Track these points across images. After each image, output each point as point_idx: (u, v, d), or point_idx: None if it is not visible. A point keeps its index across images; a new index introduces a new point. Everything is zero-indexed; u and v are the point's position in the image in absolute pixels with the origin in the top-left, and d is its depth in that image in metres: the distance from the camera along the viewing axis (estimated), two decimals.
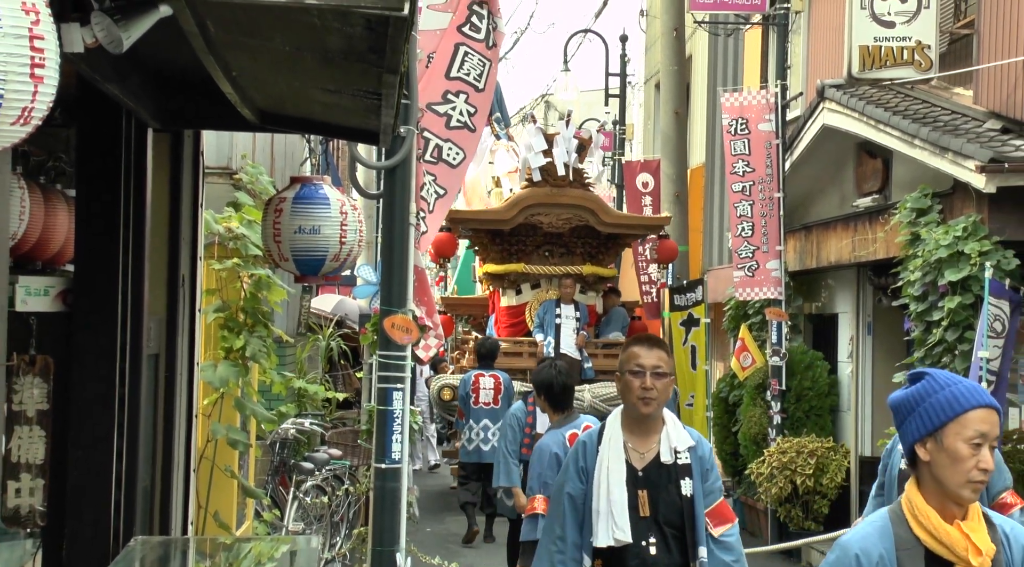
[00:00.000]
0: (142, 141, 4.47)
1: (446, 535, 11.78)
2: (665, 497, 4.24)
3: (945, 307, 8.80)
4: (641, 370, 4.22)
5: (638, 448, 4.29)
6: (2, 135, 2.10)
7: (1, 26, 2.01)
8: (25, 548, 4.22)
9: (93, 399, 4.17)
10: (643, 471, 4.25)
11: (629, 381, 4.24)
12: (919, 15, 9.99)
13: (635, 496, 4.20)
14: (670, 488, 4.25)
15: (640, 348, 4.32)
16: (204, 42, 3.40)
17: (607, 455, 4.25)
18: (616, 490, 4.17)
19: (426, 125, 6.46)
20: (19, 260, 4.00)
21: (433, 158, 6.51)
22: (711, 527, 4.31)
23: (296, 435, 10.12)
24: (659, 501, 4.23)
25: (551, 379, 6.32)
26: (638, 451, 4.28)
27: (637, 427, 4.31)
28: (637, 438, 4.30)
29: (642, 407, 4.22)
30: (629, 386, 4.24)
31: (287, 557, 4.39)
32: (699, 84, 19.56)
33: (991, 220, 8.82)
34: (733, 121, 12.22)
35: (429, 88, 6.45)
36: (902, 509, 2.76)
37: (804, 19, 13.97)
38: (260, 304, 6.89)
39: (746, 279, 12.20)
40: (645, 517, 4.21)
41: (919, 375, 2.79)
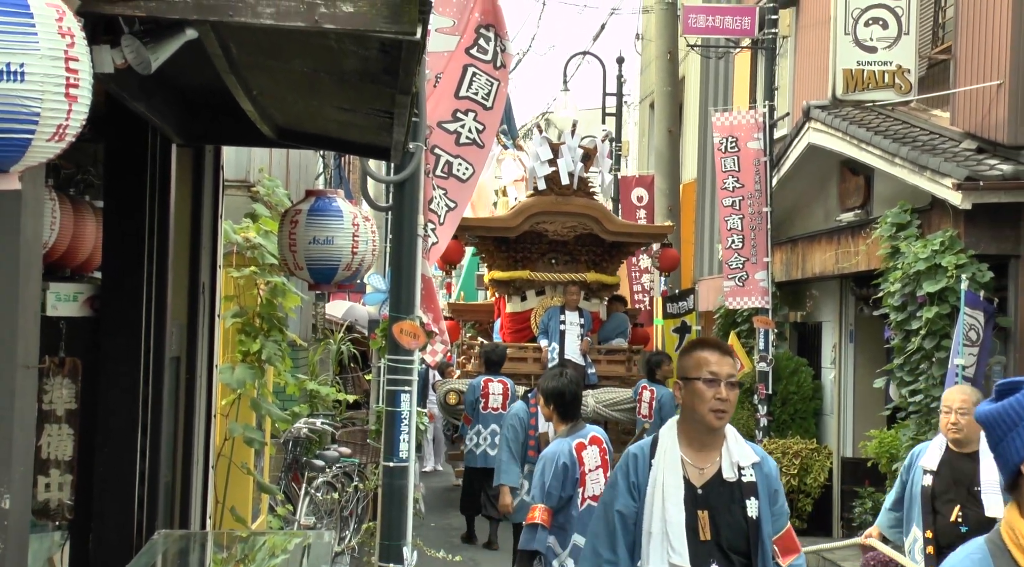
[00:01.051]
0: (166, 156, 4.48)
1: (450, 530, 11.76)
2: (728, 519, 3.60)
3: (923, 317, 8.80)
4: (715, 379, 3.59)
5: (697, 463, 3.64)
6: (38, 151, 2.11)
7: (39, 48, 2.02)
8: (54, 540, 4.22)
9: (118, 399, 4.18)
10: (703, 489, 3.61)
11: (700, 391, 3.60)
12: (899, 41, 10.00)
13: (694, 517, 3.58)
14: (733, 508, 3.61)
15: (711, 354, 3.66)
16: (227, 63, 3.42)
17: (662, 470, 3.62)
18: (673, 510, 3.55)
19: (436, 142, 6.47)
20: (50, 267, 4.00)
21: (444, 173, 6.52)
22: (778, 556, 3.71)
23: (308, 434, 10.11)
24: (721, 523, 3.59)
25: (563, 388, 5.88)
26: (697, 467, 3.63)
27: (697, 440, 3.66)
28: (696, 452, 3.65)
29: (715, 420, 3.60)
30: (700, 396, 3.59)
31: (300, 550, 4.37)
32: (691, 104, 19.58)
33: (967, 235, 8.83)
34: (723, 139, 12.23)
35: (439, 107, 6.45)
36: (1002, 539, 2.21)
37: (791, 43, 13.99)
38: (275, 310, 6.89)
39: (736, 289, 12.21)
40: (706, 541, 3.59)
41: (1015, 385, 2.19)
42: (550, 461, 5.59)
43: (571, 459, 5.57)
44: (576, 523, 5.56)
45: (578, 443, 5.66)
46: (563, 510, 5.61)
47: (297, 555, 4.29)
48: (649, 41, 20.03)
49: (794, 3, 13.64)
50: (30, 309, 2.46)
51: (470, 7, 6.47)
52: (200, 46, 3.03)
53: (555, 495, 5.56)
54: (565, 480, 5.57)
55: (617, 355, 12.77)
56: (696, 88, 19.13)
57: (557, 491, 5.56)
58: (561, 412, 5.88)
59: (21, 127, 2.03)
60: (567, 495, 5.59)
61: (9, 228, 2.35)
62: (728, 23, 12.82)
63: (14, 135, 2.03)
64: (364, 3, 2.46)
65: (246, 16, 2.45)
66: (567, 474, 5.57)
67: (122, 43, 2.66)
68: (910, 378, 9.10)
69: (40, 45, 2.02)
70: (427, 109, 6.45)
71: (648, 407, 11.30)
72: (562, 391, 5.85)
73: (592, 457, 5.69)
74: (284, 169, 11.04)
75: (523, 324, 12.95)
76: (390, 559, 6.03)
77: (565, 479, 5.56)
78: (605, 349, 12.82)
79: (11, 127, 2.02)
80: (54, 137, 2.11)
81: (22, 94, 2.01)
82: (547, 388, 5.92)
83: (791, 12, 13.82)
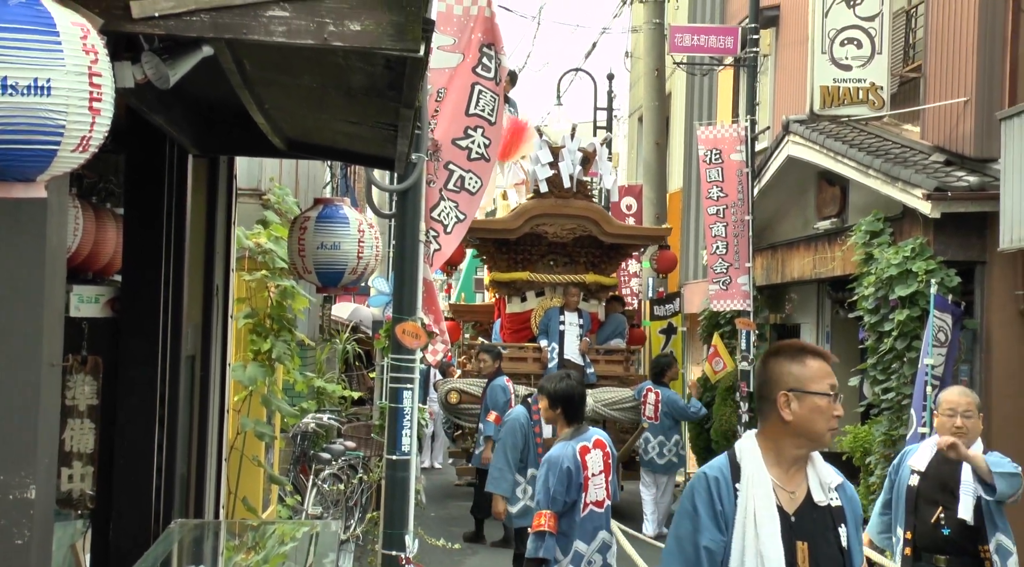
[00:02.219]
0: (183, 166, 4.47)
1: (449, 519, 11.74)
2: (826, 550, 2.95)
3: (895, 319, 8.81)
4: (834, 393, 2.95)
5: (786, 486, 2.97)
6: (63, 161, 2.11)
7: (64, 64, 2.02)
8: (76, 528, 4.21)
9: (137, 396, 4.17)
10: (796, 516, 2.94)
11: (820, 406, 2.92)
12: (873, 60, 10.02)
13: (792, 550, 2.91)
14: (829, 538, 2.96)
15: (824, 364, 2.99)
16: (241, 79, 3.42)
17: (752, 497, 2.91)
18: (770, 544, 2.88)
19: (450, 158, 6.47)
20: (73, 271, 4.01)
21: (456, 188, 6.52)
22: None
23: (315, 428, 10.12)
24: (820, 556, 2.94)
25: (572, 390, 5.38)
26: (786, 490, 2.96)
27: (787, 460, 2.97)
28: (783, 473, 2.98)
29: (829, 439, 2.99)
30: (820, 411, 2.91)
31: (308, 538, 4.37)
32: (677, 118, 19.59)
33: (936, 242, 8.84)
34: (708, 151, 12.23)
35: (452, 125, 6.45)
36: None
37: (771, 62, 14.01)
38: (285, 311, 6.90)
39: (720, 292, 12.21)
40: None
41: None
42: (554, 465, 5.16)
43: (575, 463, 5.15)
44: (578, 529, 5.22)
45: (582, 446, 5.24)
46: (566, 515, 5.22)
47: (305, 543, 4.28)
48: (638, 59, 20.04)
49: (774, 23, 13.66)
50: (54, 310, 2.46)
51: (471, 27, 6.47)
52: (215, 62, 3.03)
53: (560, 500, 5.16)
54: (569, 485, 5.16)
55: (615, 355, 12.38)
56: (682, 103, 19.15)
57: (562, 496, 5.16)
58: (568, 415, 5.39)
59: (47, 138, 2.04)
60: (571, 500, 5.20)
61: (35, 233, 2.35)
62: (712, 42, 12.83)
63: (40, 146, 2.04)
64: (371, 22, 2.46)
65: (259, 34, 2.45)
66: (571, 479, 5.16)
67: (142, 59, 2.66)
68: (883, 377, 9.11)
69: (65, 61, 2.02)
70: (440, 127, 6.47)
71: (654, 409, 11.12)
72: (571, 393, 5.39)
73: (595, 461, 5.26)
74: (294, 178, 11.03)
75: (523, 325, 12.54)
76: (393, 546, 6.03)
77: (569, 484, 5.16)
78: (603, 349, 12.39)
79: (38, 138, 2.03)
80: (78, 148, 2.11)
81: (48, 107, 2.01)
82: (554, 390, 5.40)
83: (771, 32, 13.85)
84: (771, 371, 2.99)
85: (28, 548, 2.30)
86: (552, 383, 5.47)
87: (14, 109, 1.98)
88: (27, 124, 2.00)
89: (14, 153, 2.02)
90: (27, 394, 2.34)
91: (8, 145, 2.01)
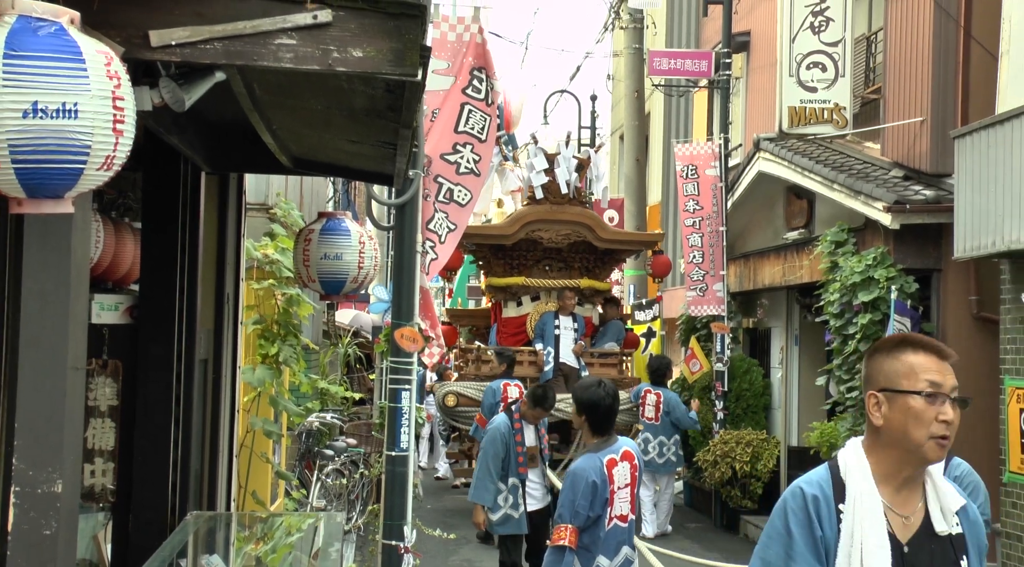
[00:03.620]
0: (196, 182, 4.47)
1: (444, 511, 11.74)
2: None
3: (859, 323, 8.85)
4: (938, 393, 2.23)
5: (899, 510, 2.28)
6: (89, 179, 2.12)
7: (90, 89, 2.03)
8: (98, 520, 4.20)
9: (154, 397, 4.17)
10: (910, 546, 2.26)
11: (919, 410, 2.23)
12: (837, 82, 10.09)
13: None
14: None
15: (928, 357, 2.27)
16: (251, 102, 3.43)
17: (858, 521, 2.23)
18: None
19: (439, 172, 6.49)
20: (94, 280, 4.00)
21: (445, 199, 6.54)
22: None
23: (319, 427, 10.10)
24: None
25: (598, 400, 4.71)
26: (900, 515, 2.28)
27: (897, 477, 2.28)
28: (895, 493, 2.28)
29: (935, 452, 2.24)
30: (919, 417, 2.23)
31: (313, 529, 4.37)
32: (656, 136, 19.64)
33: (896, 251, 8.89)
34: (684, 167, 12.28)
35: (441, 141, 6.48)
36: None
37: (743, 84, 14.07)
38: (291, 318, 6.89)
39: (697, 298, 12.24)
40: None
41: None
42: (579, 478, 4.56)
43: (601, 477, 4.56)
44: (602, 544, 4.64)
45: (609, 459, 4.62)
46: (589, 530, 4.62)
47: (310, 533, 4.28)
48: (619, 81, 20.10)
49: (745, 48, 13.73)
50: (79, 317, 2.47)
51: (463, 52, 6.50)
52: (227, 87, 3.04)
53: (583, 515, 4.56)
54: (594, 499, 4.56)
55: (610, 358, 11.97)
56: (660, 122, 19.20)
57: (585, 511, 4.56)
58: (593, 425, 4.74)
59: (74, 158, 2.04)
60: (595, 515, 4.59)
61: (61, 246, 2.36)
62: (688, 66, 12.89)
63: (68, 165, 2.05)
64: (372, 49, 2.47)
65: (268, 60, 2.46)
66: (596, 493, 4.56)
67: (160, 84, 2.67)
68: (847, 377, 9.14)
69: (91, 87, 2.03)
70: (430, 143, 6.49)
71: (655, 410, 10.90)
72: (597, 403, 4.70)
73: (622, 475, 4.66)
74: (299, 193, 11.02)
75: (519, 328, 12.09)
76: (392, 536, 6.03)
77: (594, 498, 4.56)
78: (598, 352, 11.96)
79: (66, 158, 2.04)
80: (103, 167, 2.12)
81: (75, 129, 2.02)
82: (582, 398, 4.79)
83: (743, 56, 13.92)
84: (866, 369, 2.37)
85: (55, 538, 2.31)
86: (581, 390, 4.84)
87: (44, 131, 2.00)
88: (56, 145, 2.01)
89: (44, 172, 2.03)
90: (54, 396, 2.35)
91: (38, 164, 2.02)
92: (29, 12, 2.03)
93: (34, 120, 1.98)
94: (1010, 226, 7.31)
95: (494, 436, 7.02)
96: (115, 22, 2.38)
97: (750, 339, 13.63)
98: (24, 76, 1.98)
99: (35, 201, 2.09)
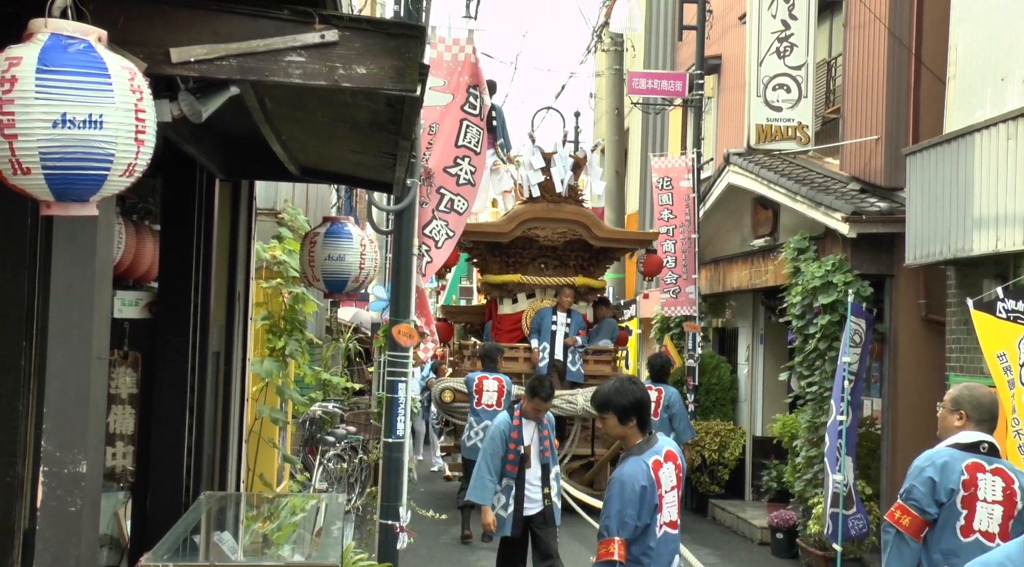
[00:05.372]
0: (211, 189, 4.47)
1: (437, 494, 11.72)
2: None
3: (819, 323, 8.88)
4: None
5: None
6: (112, 184, 2.12)
7: (114, 102, 2.04)
8: (119, 498, 4.20)
9: (171, 386, 4.17)
10: None
11: None
12: (800, 103, 10.12)
13: None
14: None
15: None
16: (262, 114, 3.43)
17: None
18: None
19: (442, 183, 6.51)
20: (116, 278, 4.00)
21: (446, 209, 6.56)
22: None
23: (322, 415, 10.07)
24: None
25: (643, 395, 3.88)
26: None
27: None
28: None
29: None
30: None
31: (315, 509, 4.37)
32: (634, 150, 19.68)
33: (853, 258, 8.93)
34: (660, 179, 12.30)
35: (444, 155, 6.50)
36: None
37: (714, 103, 14.11)
38: (297, 314, 6.87)
39: (670, 300, 12.25)
40: None
41: None
42: (627, 484, 3.73)
43: (649, 480, 3.75)
44: (656, 556, 3.77)
45: (654, 461, 3.81)
46: (638, 541, 3.76)
47: (313, 513, 4.28)
48: (600, 99, 20.14)
49: (716, 71, 13.77)
50: (102, 312, 2.47)
51: (459, 71, 6.52)
52: (241, 101, 3.05)
53: (631, 525, 3.70)
54: (642, 506, 3.72)
55: (603, 355, 11.36)
56: (638, 137, 19.24)
57: (634, 520, 3.70)
58: (642, 423, 3.88)
59: (99, 165, 2.05)
60: (644, 524, 3.74)
61: (86, 247, 2.37)
62: (664, 86, 12.93)
63: (94, 172, 2.06)
64: (375, 66, 2.48)
65: (279, 76, 2.47)
66: (645, 499, 3.73)
67: (179, 98, 2.67)
68: (808, 373, 9.18)
69: (115, 99, 2.04)
70: (434, 157, 6.51)
71: (655, 406, 10.29)
72: (642, 399, 3.87)
73: (668, 476, 3.85)
74: (305, 199, 11.00)
75: (514, 325, 11.49)
76: (389, 517, 6.04)
77: (642, 506, 3.72)
78: (592, 349, 11.30)
79: (91, 165, 2.04)
80: (125, 173, 2.12)
81: (101, 139, 2.03)
82: (625, 400, 3.84)
83: (714, 78, 13.96)
84: None
85: (80, 515, 2.31)
86: (616, 394, 3.88)
87: (71, 140, 2.00)
88: (82, 153, 2.02)
89: (71, 178, 2.03)
90: (80, 384, 2.36)
91: (66, 171, 2.02)
92: (60, 31, 2.04)
93: (63, 130, 1.99)
94: (956, 236, 7.36)
95: (493, 434, 6.41)
96: (138, 40, 2.38)
97: (719, 338, 13.66)
98: (55, 89, 1.99)
99: (63, 204, 2.09)
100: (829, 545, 8.20)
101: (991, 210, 6.94)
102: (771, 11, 10.09)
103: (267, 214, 8.13)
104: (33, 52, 2.00)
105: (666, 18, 17.22)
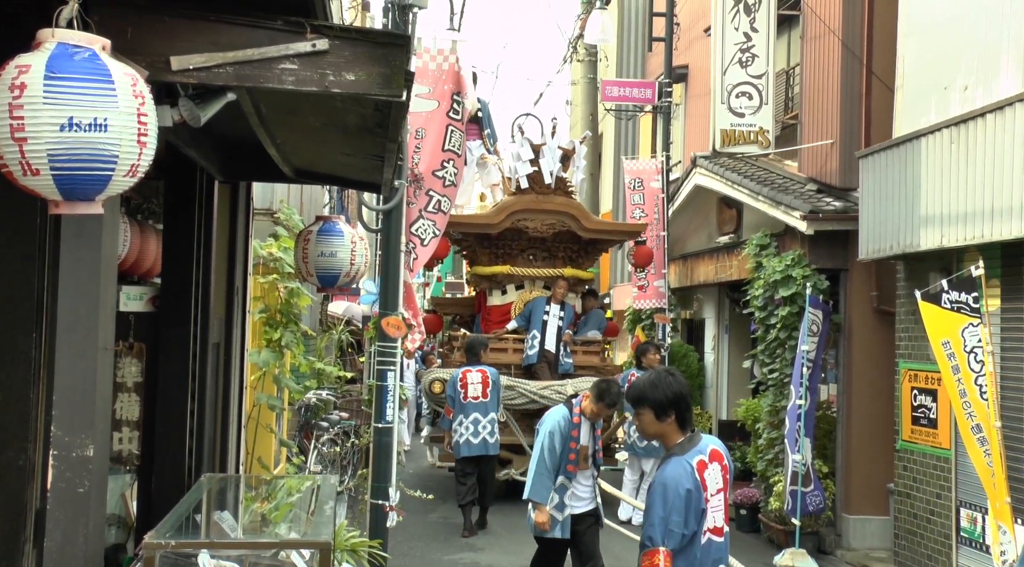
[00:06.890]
0: (210, 190, 4.45)
1: (425, 476, 11.71)
2: None
3: (779, 314, 8.94)
4: None
5: None
6: (116, 184, 2.12)
7: (118, 106, 2.03)
8: (125, 480, 4.17)
9: (173, 374, 4.15)
10: None
11: None
12: (761, 109, 10.17)
13: None
14: None
15: None
16: (258, 119, 3.42)
17: None
18: None
19: (430, 186, 6.51)
20: (122, 274, 3.98)
21: (434, 210, 6.56)
22: None
23: (316, 402, 10.06)
24: None
25: (682, 388, 3.32)
26: None
27: None
28: None
29: None
30: None
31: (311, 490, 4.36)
32: (608, 153, 19.71)
33: (810, 253, 8.99)
34: (632, 180, 12.32)
35: (432, 159, 6.50)
36: None
37: (682, 109, 14.15)
38: (292, 307, 6.87)
39: (642, 293, 12.29)
40: None
41: None
42: (670, 488, 3.15)
43: (695, 483, 3.17)
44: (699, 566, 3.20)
45: (699, 461, 3.23)
46: (684, 550, 3.17)
47: (308, 494, 4.28)
48: (576, 105, 20.15)
49: (684, 79, 13.81)
50: (108, 305, 2.46)
51: (443, 79, 6.51)
52: (237, 106, 3.04)
53: (678, 533, 3.13)
54: (689, 512, 3.15)
55: (592, 346, 10.82)
56: (611, 141, 19.26)
57: (680, 528, 3.13)
58: (682, 420, 3.30)
59: (104, 166, 2.04)
60: (691, 532, 3.16)
61: (93, 244, 2.35)
62: (635, 93, 12.94)
63: (98, 172, 2.05)
64: (363, 73, 2.48)
65: (273, 83, 2.47)
66: (691, 503, 3.16)
67: (179, 103, 2.66)
68: (769, 360, 9.24)
69: (119, 104, 2.03)
70: (423, 162, 6.50)
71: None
72: (681, 393, 3.30)
73: (714, 478, 3.26)
74: (299, 200, 10.96)
75: (504, 316, 10.87)
76: (379, 497, 6.04)
77: (688, 511, 3.15)
78: (581, 340, 10.78)
79: (96, 166, 2.04)
80: (128, 174, 2.12)
81: (105, 141, 2.02)
82: (664, 396, 3.28)
83: (682, 86, 14.00)
84: None
85: (88, 496, 2.30)
86: (652, 389, 3.31)
87: (78, 143, 1.99)
88: (88, 154, 2.01)
89: (77, 178, 2.03)
90: (87, 373, 2.35)
91: (73, 171, 2.01)
92: (67, 40, 2.03)
93: (70, 133, 1.98)
94: (905, 232, 7.43)
95: (552, 429, 5.61)
96: (141, 49, 2.37)
97: (687, 328, 13.72)
98: (62, 95, 1.97)
99: (70, 203, 2.08)
100: (789, 520, 8.27)
101: (937, 209, 7.01)
102: (734, 24, 10.13)
103: (264, 214, 8.10)
104: (41, 60, 1.99)
105: (637, 30, 17.25)
